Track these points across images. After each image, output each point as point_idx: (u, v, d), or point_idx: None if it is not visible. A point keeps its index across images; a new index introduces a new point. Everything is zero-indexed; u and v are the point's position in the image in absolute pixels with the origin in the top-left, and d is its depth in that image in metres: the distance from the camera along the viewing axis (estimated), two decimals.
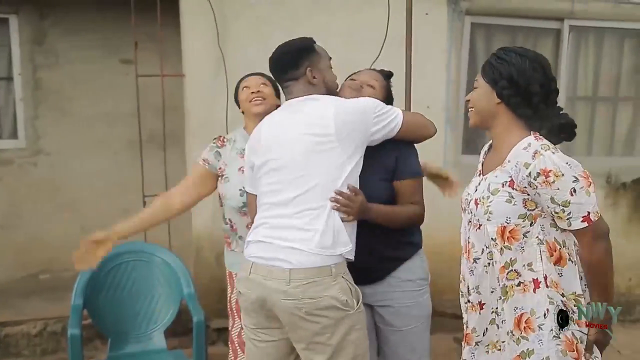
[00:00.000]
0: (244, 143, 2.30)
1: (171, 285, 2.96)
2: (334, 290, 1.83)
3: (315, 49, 2.07)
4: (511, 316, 1.76)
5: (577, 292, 1.73)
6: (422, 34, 3.33)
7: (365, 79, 2.24)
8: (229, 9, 3.44)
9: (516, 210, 1.72)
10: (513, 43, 4.10)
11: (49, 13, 4.20)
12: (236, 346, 2.43)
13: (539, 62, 1.77)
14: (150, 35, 3.78)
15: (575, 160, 1.71)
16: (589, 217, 1.68)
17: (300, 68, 2.02)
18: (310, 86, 2.03)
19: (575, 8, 3.96)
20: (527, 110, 1.76)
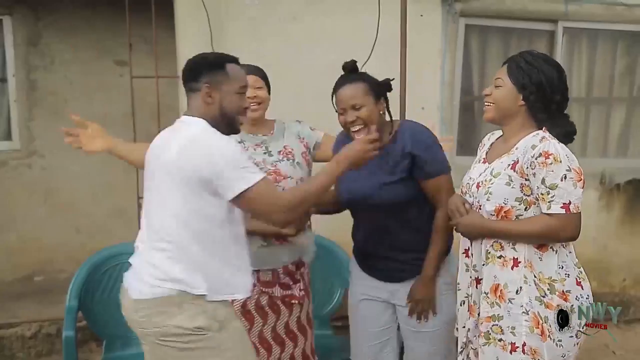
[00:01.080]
0: (239, 136, 2.31)
1: None
2: (178, 320, 1.83)
3: (224, 68, 1.92)
4: (489, 281, 1.94)
5: (552, 277, 1.87)
6: (417, 35, 3.33)
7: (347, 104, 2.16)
8: (223, 11, 3.44)
9: (514, 193, 1.88)
10: (507, 45, 4.12)
11: (44, 14, 4.19)
12: (258, 347, 2.37)
13: (561, 72, 1.93)
14: (145, 36, 3.78)
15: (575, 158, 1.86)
16: (569, 206, 1.81)
17: (199, 82, 1.91)
18: (204, 104, 1.91)
19: (569, 10, 3.98)
20: (544, 115, 1.92)
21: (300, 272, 2.43)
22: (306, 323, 2.45)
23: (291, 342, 2.40)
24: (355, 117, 2.15)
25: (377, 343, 2.34)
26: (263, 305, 2.36)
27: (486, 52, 4.11)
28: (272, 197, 1.86)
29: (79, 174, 4.28)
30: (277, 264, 2.36)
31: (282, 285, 2.37)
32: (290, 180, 2.32)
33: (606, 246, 4.13)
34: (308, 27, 3.56)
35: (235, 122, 1.97)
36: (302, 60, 3.27)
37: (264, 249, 2.31)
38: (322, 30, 3.56)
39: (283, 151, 2.39)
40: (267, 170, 2.30)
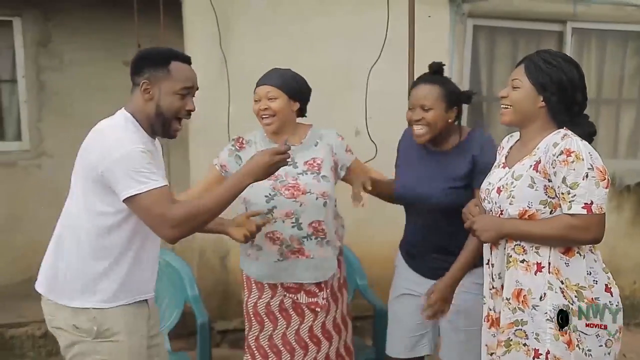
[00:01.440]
0: (265, 145, 2.31)
1: (175, 288, 2.97)
2: (66, 312, 1.84)
3: (167, 65, 1.84)
4: (510, 286, 1.84)
5: (580, 283, 1.78)
6: (425, 36, 3.33)
7: (418, 102, 2.21)
8: (231, 12, 3.45)
9: (538, 195, 1.78)
10: (515, 45, 4.10)
11: (53, 15, 4.21)
12: (254, 350, 2.40)
13: (581, 70, 1.84)
14: (153, 37, 3.78)
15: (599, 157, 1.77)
16: (591, 206, 1.72)
17: (139, 77, 1.85)
18: (141, 99, 1.85)
19: (578, 10, 3.96)
20: (565, 117, 1.83)
21: (325, 281, 2.37)
22: (332, 328, 2.40)
23: (315, 347, 2.37)
24: (421, 117, 2.19)
25: (414, 336, 2.39)
26: (287, 307, 2.35)
27: (494, 53, 4.10)
28: (161, 210, 1.73)
29: None
30: (293, 279, 2.32)
31: (308, 292, 2.35)
32: (310, 195, 2.25)
33: (616, 248, 4.11)
34: (315, 27, 3.56)
35: (170, 124, 1.88)
36: (309, 60, 3.27)
37: (279, 264, 2.31)
38: (330, 30, 3.56)
39: (310, 162, 2.32)
40: (286, 184, 2.25)
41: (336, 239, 2.40)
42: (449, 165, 2.24)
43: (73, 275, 1.84)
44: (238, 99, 3.40)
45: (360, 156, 2.57)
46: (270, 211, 2.25)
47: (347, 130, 3.47)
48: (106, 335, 1.83)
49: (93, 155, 1.78)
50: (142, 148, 1.75)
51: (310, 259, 2.30)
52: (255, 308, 2.39)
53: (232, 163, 2.36)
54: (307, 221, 2.27)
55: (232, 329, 3.63)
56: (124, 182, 1.72)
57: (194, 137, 3.59)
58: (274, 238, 2.29)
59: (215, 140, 3.46)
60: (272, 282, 2.35)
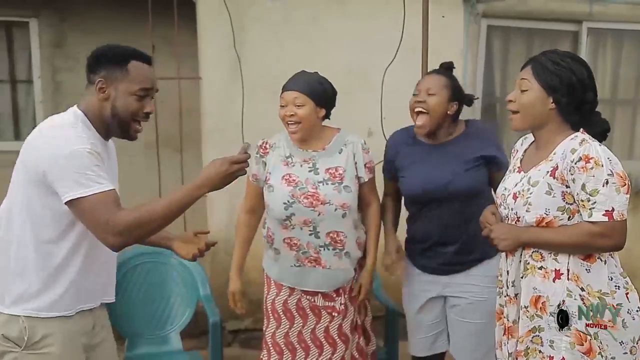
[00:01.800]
0: (288, 149, 2.30)
1: (187, 287, 2.98)
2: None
3: (125, 65, 1.74)
4: (528, 294, 1.81)
5: (602, 290, 1.74)
6: (438, 36, 3.32)
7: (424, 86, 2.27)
8: (246, 13, 3.46)
9: (555, 202, 1.75)
10: (530, 46, 4.07)
11: (69, 16, 4.25)
12: (270, 347, 2.40)
13: (589, 69, 1.80)
14: (167, 38, 3.81)
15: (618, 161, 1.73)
16: (612, 213, 1.68)
17: (95, 75, 1.74)
18: (95, 99, 1.75)
19: (594, 10, 3.93)
20: (577, 117, 1.79)
21: (343, 287, 2.37)
22: (349, 331, 2.39)
23: (330, 347, 2.37)
24: (424, 100, 2.23)
25: (432, 335, 2.44)
26: (304, 306, 2.36)
27: (508, 54, 4.07)
28: (106, 215, 1.60)
29: None
30: (308, 286, 2.32)
31: (325, 296, 2.35)
32: (330, 206, 2.22)
33: (632, 250, 4.03)
34: (329, 29, 3.56)
35: (128, 126, 1.78)
36: (322, 62, 3.27)
37: (295, 269, 2.31)
38: (343, 32, 3.56)
39: (332, 171, 2.27)
40: (306, 192, 2.24)
41: (356, 248, 2.36)
42: (458, 151, 2.28)
43: (7, 280, 1.71)
44: (252, 99, 3.41)
45: (374, 157, 2.56)
46: (289, 218, 2.24)
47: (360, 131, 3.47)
48: (37, 347, 1.70)
49: (36, 152, 1.66)
50: (89, 149, 1.64)
51: (326, 270, 2.29)
52: (273, 305, 2.39)
53: (260, 171, 2.35)
54: (325, 230, 2.25)
55: (243, 328, 3.64)
56: (67, 183, 1.60)
57: (207, 136, 3.60)
58: (291, 244, 2.28)
59: (229, 140, 3.48)
60: (289, 285, 2.36)
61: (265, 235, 2.38)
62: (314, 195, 2.23)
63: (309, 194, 2.23)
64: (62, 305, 1.73)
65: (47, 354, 1.70)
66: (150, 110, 1.80)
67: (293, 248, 2.28)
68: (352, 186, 2.29)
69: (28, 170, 1.68)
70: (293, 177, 2.26)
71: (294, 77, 2.29)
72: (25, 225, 1.70)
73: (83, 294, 1.77)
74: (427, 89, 2.25)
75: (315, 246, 2.26)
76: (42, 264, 1.70)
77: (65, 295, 1.73)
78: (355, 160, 2.31)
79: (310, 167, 2.28)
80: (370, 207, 2.41)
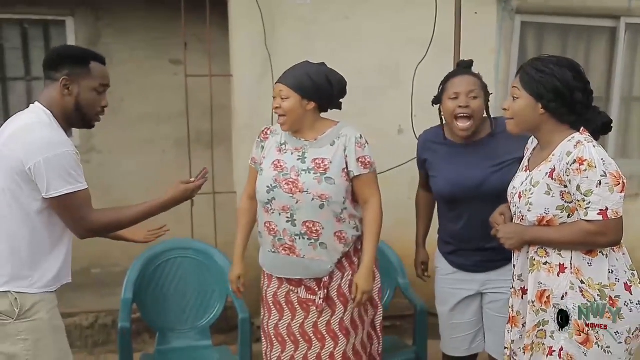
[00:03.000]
0: (284, 137, 2.35)
1: (218, 283, 3.01)
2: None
3: (87, 64, 1.94)
4: (534, 288, 1.91)
5: (602, 282, 1.83)
6: (471, 33, 3.27)
7: (464, 89, 2.27)
8: (277, 11, 3.47)
9: (554, 202, 1.84)
10: (565, 42, 3.99)
11: (103, 15, 4.33)
12: (272, 338, 2.45)
13: (576, 69, 1.86)
14: (200, 36, 3.85)
15: (613, 161, 1.81)
16: (606, 212, 1.77)
17: (57, 73, 1.92)
18: (59, 95, 1.92)
19: (633, 5, 3.82)
20: (572, 117, 1.86)
21: (324, 281, 2.32)
22: (339, 329, 2.34)
23: (319, 343, 2.36)
24: (468, 104, 2.25)
25: (470, 333, 2.47)
26: (292, 300, 2.37)
27: (543, 51, 3.98)
28: (82, 212, 1.89)
29: (134, 170, 4.40)
30: (285, 273, 2.35)
31: (307, 288, 2.35)
32: (307, 195, 2.22)
33: None
34: (359, 26, 3.54)
35: (90, 118, 2.00)
36: (352, 59, 3.28)
37: (272, 255, 2.35)
38: (373, 29, 3.54)
39: (318, 161, 2.27)
40: (288, 178, 2.26)
41: (336, 241, 2.29)
42: (488, 151, 2.29)
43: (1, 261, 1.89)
44: None
45: (404, 154, 2.54)
46: (270, 202, 2.29)
47: (390, 128, 3.44)
48: (28, 315, 1.89)
49: (20, 148, 1.82)
50: (73, 150, 1.87)
51: (300, 259, 2.29)
52: (266, 295, 2.45)
53: (258, 155, 2.42)
54: (301, 219, 2.25)
55: None
56: (54, 181, 1.81)
57: (237, 133, 3.63)
58: (270, 228, 2.32)
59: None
60: (268, 272, 2.41)
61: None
62: (294, 183, 2.26)
63: (290, 181, 2.26)
64: (52, 282, 1.95)
65: (38, 319, 1.91)
66: (106, 104, 2.03)
67: (271, 233, 2.32)
68: (337, 179, 2.25)
69: (9, 164, 1.83)
70: (281, 163, 2.31)
71: (288, 70, 2.31)
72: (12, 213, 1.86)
73: (65, 271, 2.02)
74: (467, 92, 2.25)
75: (290, 234, 2.28)
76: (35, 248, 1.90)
77: (57, 274, 1.96)
78: (346, 154, 2.27)
79: (299, 155, 2.31)
80: (368, 203, 2.33)
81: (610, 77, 4.03)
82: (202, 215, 3.67)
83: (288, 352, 2.39)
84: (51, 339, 1.95)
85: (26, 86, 4.40)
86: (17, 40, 4.33)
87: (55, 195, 1.83)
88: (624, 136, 4.18)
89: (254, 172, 2.44)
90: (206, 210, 3.67)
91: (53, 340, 1.96)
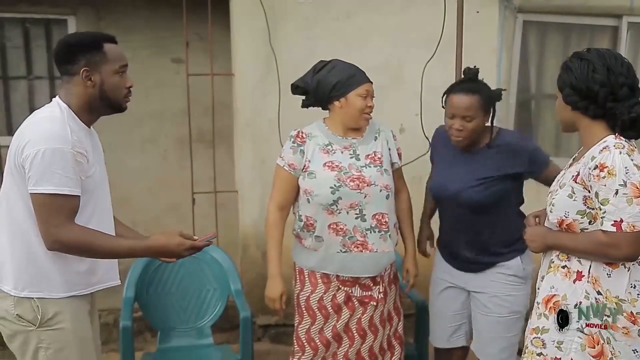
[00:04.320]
0: (327, 138, 2.35)
1: (219, 282, 3.02)
2: (6, 303, 1.82)
3: (101, 48, 1.83)
4: (544, 291, 1.86)
5: (620, 296, 1.75)
6: (473, 32, 3.27)
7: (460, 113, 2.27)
8: (279, 9, 3.46)
9: (575, 205, 1.77)
10: (567, 41, 3.98)
11: (105, 14, 4.32)
12: (303, 342, 2.41)
13: (601, 61, 1.76)
14: (201, 35, 3.85)
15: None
16: (620, 224, 1.67)
17: (75, 65, 1.81)
18: (83, 88, 1.83)
19: (635, 4, 3.81)
20: (598, 110, 1.77)
21: (381, 275, 2.40)
22: (379, 322, 2.43)
23: (360, 339, 2.41)
24: (462, 128, 2.27)
25: (452, 326, 2.52)
26: (339, 302, 2.38)
27: (544, 49, 3.99)
28: (56, 220, 1.72)
29: (137, 170, 4.40)
30: (351, 272, 2.34)
31: (362, 286, 2.38)
32: (375, 187, 2.29)
33: None
34: (361, 25, 3.54)
35: (120, 102, 1.92)
36: (355, 58, 3.26)
37: (340, 256, 2.32)
38: (376, 28, 3.54)
39: (371, 156, 2.36)
40: (351, 175, 2.29)
41: (395, 231, 2.43)
42: (479, 164, 2.32)
43: (20, 265, 1.82)
44: (286, 95, 3.42)
45: (405, 154, 2.55)
46: (335, 202, 2.27)
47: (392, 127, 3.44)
48: (50, 323, 1.83)
49: (21, 139, 1.76)
50: (70, 148, 1.73)
51: (373, 254, 2.32)
52: (308, 302, 2.40)
53: (298, 160, 2.34)
54: (371, 213, 2.29)
55: (273, 324, 3.67)
56: (36, 177, 1.71)
57: (239, 132, 3.63)
58: (337, 229, 2.30)
59: (262, 135, 3.50)
60: (328, 273, 2.35)
61: (303, 225, 2.35)
62: (359, 178, 2.29)
63: (355, 177, 2.29)
64: (71, 287, 1.85)
65: (62, 329, 1.84)
66: (131, 84, 1.93)
67: (339, 233, 2.30)
68: (389, 170, 2.39)
69: (13, 160, 1.78)
70: (335, 162, 2.31)
71: (357, 67, 2.35)
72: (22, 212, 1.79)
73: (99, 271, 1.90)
74: (463, 115, 2.26)
75: (361, 230, 2.30)
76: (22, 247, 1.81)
77: (83, 273, 1.86)
78: (389, 147, 2.42)
79: (351, 153, 2.34)
80: (401, 193, 2.51)
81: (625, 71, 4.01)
82: (203, 214, 3.68)
83: (331, 350, 2.41)
84: (75, 350, 1.87)
85: (28, 85, 4.40)
86: (18, 39, 4.33)
87: (33, 191, 1.72)
88: None
89: (289, 180, 2.36)
90: (208, 209, 3.68)
91: (77, 352, 1.88)
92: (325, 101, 2.34)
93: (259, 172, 3.52)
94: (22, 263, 1.82)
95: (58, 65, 1.87)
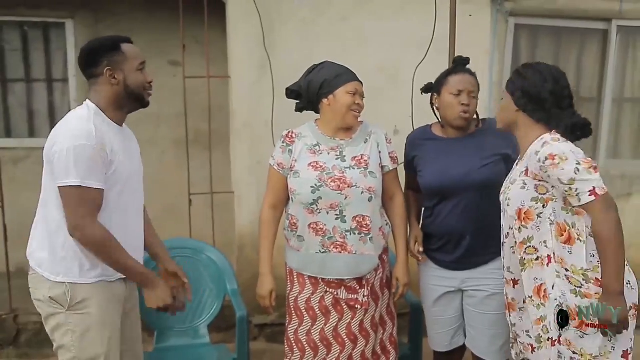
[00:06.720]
0: (315, 138, 2.37)
1: (215, 281, 3.04)
2: (44, 287, 1.98)
3: (119, 49, 2.01)
4: (530, 284, 2.02)
5: (584, 267, 1.93)
6: (465, 35, 3.32)
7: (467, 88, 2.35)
8: (275, 12, 3.50)
9: (529, 194, 1.99)
10: (558, 44, 4.04)
11: (103, 17, 4.36)
12: (292, 343, 2.43)
13: (551, 74, 2.04)
14: (198, 37, 3.89)
15: (581, 150, 1.94)
16: (595, 191, 1.87)
17: (99, 67, 1.99)
18: (108, 87, 2.00)
19: (624, 8, 3.87)
20: (542, 114, 2.02)
21: (366, 279, 2.39)
22: (370, 327, 2.42)
23: (351, 344, 2.40)
24: (469, 103, 2.34)
25: (451, 329, 2.53)
26: (327, 304, 2.38)
27: (536, 52, 4.05)
28: (81, 211, 1.89)
29: None
30: (332, 274, 2.34)
31: (348, 288, 2.37)
32: (356, 189, 2.28)
33: None
34: (357, 28, 3.58)
35: (143, 96, 2.07)
36: (351, 61, 3.30)
37: (320, 256, 2.33)
38: (372, 31, 3.58)
39: (358, 158, 2.35)
40: (333, 176, 2.29)
41: (380, 236, 2.40)
42: (475, 145, 2.37)
43: (56, 252, 1.97)
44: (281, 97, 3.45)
45: (400, 155, 2.58)
46: (315, 202, 2.28)
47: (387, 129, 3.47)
48: (78, 307, 1.97)
49: (53, 140, 1.93)
50: (94, 145, 1.88)
51: (352, 255, 2.31)
52: (296, 302, 2.42)
53: (286, 159, 2.38)
54: (351, 214, 2.29)
55: (269, 323, 3.70)
56: (62, 171, 1.87)
57: (235, 134, 3.67)
58: (317, 229, 2.31)
59: (258, 137, 3.54)
60: (312, 275, 2.38)
61: (288, 224, 2.39)
62: (341, 179, 2.29)
63: (336, 178, 2.29)
64: (100, 272, 2.00)
65: (88, 314, 1.98)
66: (151, 79, 2.08)
67: (319, 233, 2.31)
68: (377, 173, 2.36)
69: (48, 157, 1.93)
70: (320, 163, 2.32)
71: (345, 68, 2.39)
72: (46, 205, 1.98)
73: None
74: (471, 91, 2.35)
75: (341, 231, 2.29)
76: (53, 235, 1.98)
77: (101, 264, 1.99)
78: (380, 150, 2.40)
79: (337, 154, 2.35)
80: (395, 197, 2.48)
81: (602, 79, 4.09)
82: (200, 214, 3.71)
83: (320, 356, 2.40)
84: (99, 334, 2.00)
85: (26, 88, 4.43)
86: (17, 42, 4.37)
87: (60, 184, 1.88)
88: (615, 137, 4.24)
89: (279, 179, 2.40)
90: (204, 210, 3.71)
91: (100, 337, 2.00)
92: (315, 101, 2.38)
93: (255, 173, 3.55)
94: (57, 250, 1.97)
95: (83, 71, 2.04)
